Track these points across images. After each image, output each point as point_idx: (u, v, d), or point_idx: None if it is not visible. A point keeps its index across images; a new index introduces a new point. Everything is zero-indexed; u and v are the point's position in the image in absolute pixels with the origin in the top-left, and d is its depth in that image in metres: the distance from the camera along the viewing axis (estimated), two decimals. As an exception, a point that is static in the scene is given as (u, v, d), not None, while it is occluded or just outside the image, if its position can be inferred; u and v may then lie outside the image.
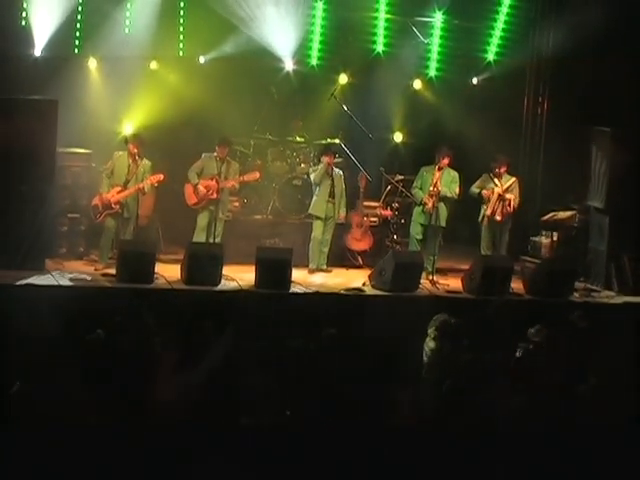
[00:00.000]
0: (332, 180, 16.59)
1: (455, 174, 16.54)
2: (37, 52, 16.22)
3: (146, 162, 15.70)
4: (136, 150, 15.62)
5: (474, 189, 16.72)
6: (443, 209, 16.50)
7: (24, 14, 16.25)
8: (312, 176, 16.80)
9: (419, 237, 16.71)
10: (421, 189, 16.62)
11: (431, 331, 12.28)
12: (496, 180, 16.59)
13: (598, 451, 9.24)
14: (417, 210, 16.71)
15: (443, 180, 16.46)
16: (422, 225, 16.66)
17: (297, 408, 10.07)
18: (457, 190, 16.51)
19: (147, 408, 9.88)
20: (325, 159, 16.69)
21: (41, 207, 15.27)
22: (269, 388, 10.32)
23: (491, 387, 10.75)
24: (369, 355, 11.86)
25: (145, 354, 10.48)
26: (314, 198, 16.71)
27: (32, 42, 16.23)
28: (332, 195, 16.57)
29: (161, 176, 15.82)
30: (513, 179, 16.72)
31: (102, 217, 15.73)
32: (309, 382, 10.57)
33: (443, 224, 16.54)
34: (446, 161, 16.47)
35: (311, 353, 11.53)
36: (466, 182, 16.75)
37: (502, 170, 16.63)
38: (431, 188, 16.40)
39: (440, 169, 16.52)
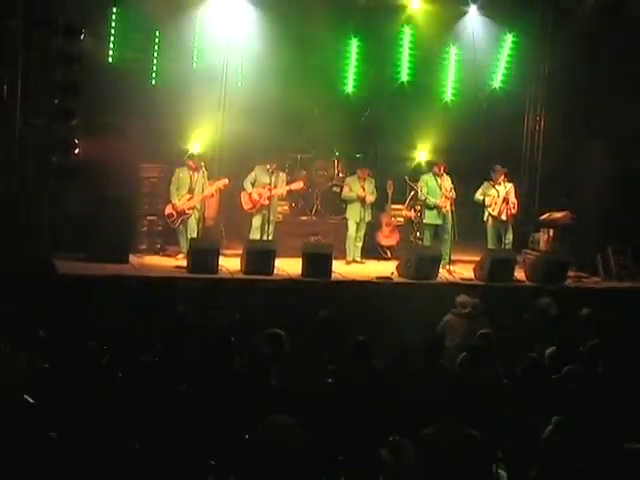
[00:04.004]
0: (364, 188, 16.69)
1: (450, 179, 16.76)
2: (123, 83, 16.28)
3: (203, 172, 15.92)
4: (193, 165, 15.87)
5: (478, 196, 16.77)
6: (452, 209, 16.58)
7: (110, 52, 16.43)
8: (343, 194, 16.99)
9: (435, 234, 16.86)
10: (428, 194, 16.71)
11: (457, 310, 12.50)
12: (497, 186, 16.67)
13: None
14: (432, 213, 16.78)
15: (449, 185, 16.62)
16: (436, 225, 16.78)
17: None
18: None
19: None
20: (359, 171, 16.90)
21: (126, 210, 15.55)
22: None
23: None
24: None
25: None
26: (348, 204, 16.86)
27: (119, 74, 16.31)
28: (363, 201, 16.69)
29: (226, 180, 16.08)
30: (510, 185, 16.78)
31: (179, 223, 15.94)
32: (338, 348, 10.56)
33: (454, 222, 16.56)
34: (442, 168, 16.64)
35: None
36: (476, 188, 16.89)
37: (500, 178, 16.70)
38: (446, 193, 16.49)
39: (441, 176, 16.66)
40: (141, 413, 8.07)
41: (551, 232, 17.69)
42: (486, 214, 16.84)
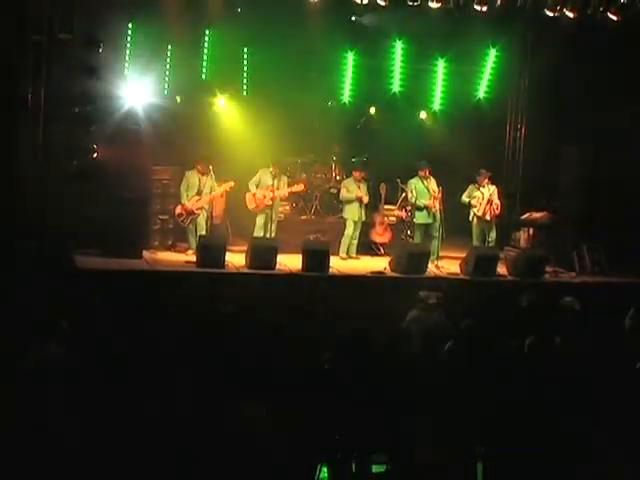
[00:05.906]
0: (360, 189, 16.82)
1: (435, 180, 16.88)
2: (138, 92, 16.34)
3: (211, 174, 16.02)
4: (202, 169, 15.95)
5: (464, 198, 16.90)
6: (440, 209, 16.68)
7: (126, 64, 16.46)
8: (341, 196, 17.07)
9: (425, 232, 16.94)
10: (418, 196, 16.79)
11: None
12: (481, 189, 16.81)
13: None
14: (422, 214, 16.87)
15: (435, 186, 16.72)
16: (427, 224, 16.91)
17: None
18: None
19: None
20: (355, 173, 17.01)
21: (140, 210, 15.64)
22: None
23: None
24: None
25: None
26: (347, 205, 16.95)
27: (134, 84, 16.27)
28: (360, 201, 16.82)
29: (232, 183, 16.17)
30: (494, 187, 16.93)
31: (189, 222, 16.05)
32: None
33: (442, 221, 16.68)
34: (427, 172, 16.75)
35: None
36: (462, 191, 17.01)
37: (485, 181, 16.85)
38: (434, 194, 16.61)
39: (427, 178, 16.77)
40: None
41: (531, 231, 17.83)
42: (471, 214, 16.98)
